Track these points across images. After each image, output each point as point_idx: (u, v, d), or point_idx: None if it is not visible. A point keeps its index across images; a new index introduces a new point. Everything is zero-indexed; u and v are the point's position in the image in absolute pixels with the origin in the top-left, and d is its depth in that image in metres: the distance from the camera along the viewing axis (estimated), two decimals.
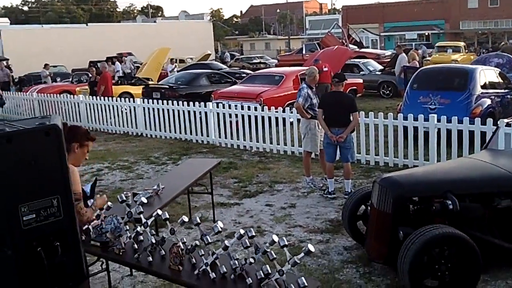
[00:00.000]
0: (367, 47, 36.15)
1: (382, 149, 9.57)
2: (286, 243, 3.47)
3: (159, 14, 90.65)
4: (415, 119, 9.19)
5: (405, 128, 9.32)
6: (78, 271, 2.80)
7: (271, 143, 11.05)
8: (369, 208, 5.69)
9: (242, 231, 3.67)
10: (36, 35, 37.85)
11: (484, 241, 4.88)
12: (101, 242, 4.30)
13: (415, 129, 9.19)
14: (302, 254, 3.37)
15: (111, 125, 14.32)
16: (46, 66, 23.52)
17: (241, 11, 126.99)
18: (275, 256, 3.46)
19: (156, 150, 11.70)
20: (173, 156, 10.98)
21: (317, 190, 8.21)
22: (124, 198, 4.46)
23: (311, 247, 3.36)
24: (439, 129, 8.91)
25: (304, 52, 31.06)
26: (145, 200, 4.34)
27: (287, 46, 66.91)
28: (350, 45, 27.01)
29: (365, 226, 5.85)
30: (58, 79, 25.00)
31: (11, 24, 47.46)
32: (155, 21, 55.14)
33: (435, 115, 9.05)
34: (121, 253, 4.16)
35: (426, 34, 55.11)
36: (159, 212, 4.19)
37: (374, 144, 9.66)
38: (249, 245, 3.66)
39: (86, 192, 4.75)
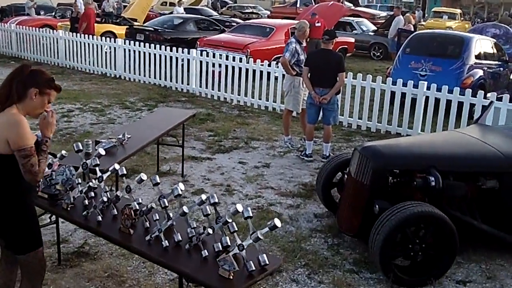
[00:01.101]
0: (364, 7, 35.24)
1: (366, 113, 9.22)
2: (251, 214, 3.11)
3: None
4: (404, 84, 8.82)
5: (393, 93, 8.96)
6: None
7: (252, 97, 10.63)
8: (345, 176, 5.38)
9: (204, 197, 3.30)
10: None
11: (463, 222, 4.60)
12: (49, 195, 3.92)
13: (403, 95, 8.83)
14: (267, 229, 3.03)
15: (89, 64, 13.70)
16: None
17: None
18: (236, 228, 3.10)
19: (132, 94, 11.20)
20: (149, 102, 10.51)
21: (294, 151, 7.87)
22: (81, 148, 4.05)
23: (277, 222, 3.01)
24: (427, 97, 8.56)
25: (298, 5, 30.09)
26: (103, 152, 3.93)
27: None
28: (346, 3, 26.24)
29: (339, 194, 5.54)
30: (42, 12, 23.94)
31: None
32: None
33: (425, 83, 8.68)
34: (69, 209, 3.80)
35: None
36: (116, 166, 3.79)
37: (358, 107, 9.29)
38: (209, 213, 3.30)
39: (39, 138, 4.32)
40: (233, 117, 9.74)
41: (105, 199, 3.67)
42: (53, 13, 22.48)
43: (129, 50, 12.70)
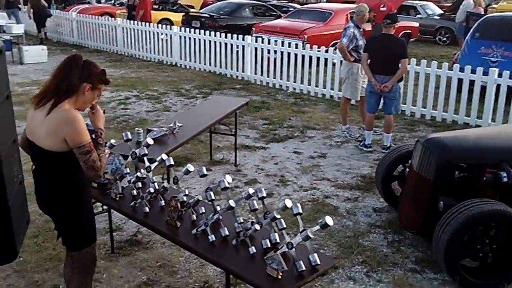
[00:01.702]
0: None
1: (430, 101, 8.72)
2: (300, 210, 2.87)
3: None
4: (473, 71, 8.28)
5: (460, 81, 8.44)
6: (7, 246, 2.17)
7: (309, 84, 10.32)
8: (407, 169, 5.03)
9: (251, 190, 3.09)
10: None
11: None
12: (99, 184, 3.82)
13: (471, 82, 8.30)
14: (318, 227, 2.79)
15: (146, 52, 13.76)
16: None
17: None
18: (284, 225, 2.87)
19: (188, 82, 11.13)
20: (204, 90, 10.39)
21: (353, 141, 7.54)
22: (130, 137, 3.91)
23: (329, 220, 2.76)
24: (498, 85, 8.01)
25: None
26: (151, 142, 3.77)
27: None
28: None
29: (401, 188, 5.20)
30: (103, 0, 24.43)
31: None
32: None
33: (496, 69, 8.12)
34: (117, 199, 3.68)
35: None
36: (164, 156, 3.62)
37: (422, 95, 8.81)
38: (257, 207, 3.08)
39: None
40: (288, 105, 9.48)
41: (152, 190, 3.52)
42: (113, 1, 22.81)
43: (185, 37, 12.64)
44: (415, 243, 4.63)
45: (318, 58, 10.14)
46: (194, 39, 12.36)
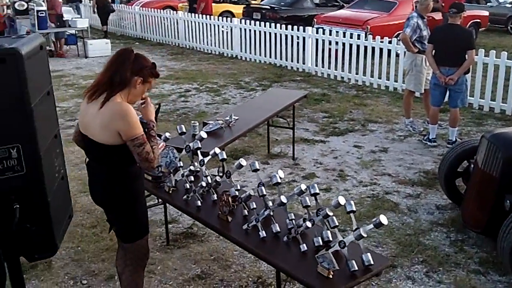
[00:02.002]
0: None
1: (500, 94, 8.30)
2: (354, 208, 2.77)
3: None
4: None
5: None
6: (46, 240, 2.21)
7: (371, 76, 10.06)
8: (472, 165, 4.79)
9: (303, 186, 3.01)
10: None
11: None
12: (153, 177, 3.85)
13: None
14: (371, 226, 2.68)
15: (207, 44, 13.86)
16: None
17: None
18: (336, 223, 2.78)
19: (247, 74, 11.12)
20: (264, 82, 10.35)
21: (416, 135, 7.28)
22: (184, 130, 3.92)
23: (383, 219, 2.65)
24: None
25: None
26: (204, 135, 3.75)
27: None
28: None
29: (465, 185, 4.96)
30: None
31: None
32: None
33: None
34: (170, 192, 3.69)
35: None
36: (217, 150, 3.60)
37: (491, 88, 8.40)
38: (309, 204, 3.00)
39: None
40: (350, 97, 9.28)
41: (204, 184, 3.51)
42: None
43: (245, 30, 12.63)
44: (479, 243, 4.40)
45: (381, 49, 9.87)
46: (255, 31, 12.33)
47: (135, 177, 3.05)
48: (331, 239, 2.89)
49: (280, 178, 3.12)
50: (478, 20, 15.00)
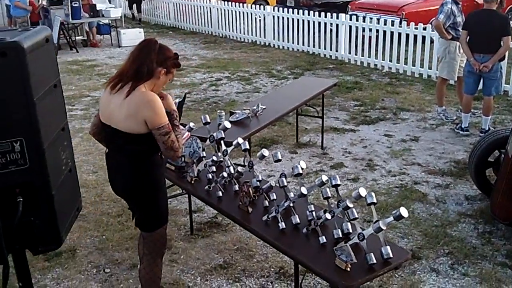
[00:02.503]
0: None
1: None
2: (375, 200, 2.75)
3: None
4: None
5: None
6: (51, 233, 2.25)
7: (405, 63, 9.89)
8: (503, 155, 4.68)
9: (324, 178, 3.01)
10: None
11: None
12: (176, 167, 3.91)
13: None
14: (391, 218, 2.66)
15: (240, 32, 13.86)
16: None
17: None
18: (356, 215, 2.77)
19: (280, 62, 11.08)
20: (296, 70, 10.30)
21: (449, 124, 7.15)
22: (208, 120, 3.96)
23: (403, 212, 2.62)
24: None
25: None
26: (228, 125, 3.77)
27: None
28: None
29: (496, 175, 4.85)
30: None
31: None
32: None
33: None
34: (193, 182, 3.74)
35: None
36: (240, 140, 3.62)
37: None
38: (329, 195, 2.99)
39: None
40: (382, 85, 9.16)
41: (225, 174, 3.54)
42: None
43: (278, 17, 12.57)
44: (508, 235, 4.32)
45: (415, 36, 9.69)
46: (288, 18, 12.26)
47: (157, 166, 3.11)
48: (351, 231, 2.89)
49: (302, 168, 3.12)
50: None
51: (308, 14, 11.71)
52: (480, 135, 6.44)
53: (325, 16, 11.29)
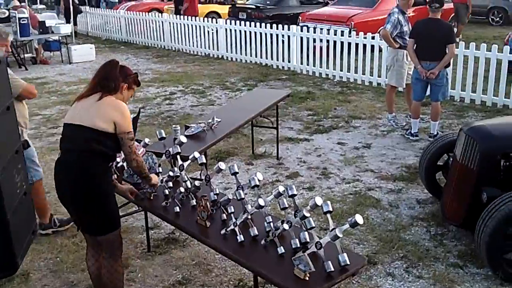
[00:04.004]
0: None
1: (480, 85, 8.40)
2: (330, 209, 2.82)
3: None
4: None
5: (510, 63, 8.07)
6: (6, 259, 2.20)
7: (355, 72, 10.13)
8: (451, 159, 4.86)
9: (281, 189, 3.06)
10: None
11: None
12: (132, 184, 3.88)
13: None
14: (347, 226, 2.73)
15: (193, 46, 13.88)
16: None
17: None
18: (313, 224, 2.83)
19: (233, 74, 11.15)
20: (249, 82, 10.39)
21: (399, 130, 7.36)
22: (164, 135, 3.97)
23: (358, 219, 2.69)
24: None
25: None
26: (184, 140, 3.78)
27: None
28: None
29: (445, 178, 5.03)
30: None
31: None
32: None
33: None
34: (151, 198, 3.73)
35: None
36: (196, 154, 3.64)
37: (471, 80, 8.49)
38: (286, 206, 3.05)
39: None
40: (334, 94, 9.35)
41: (182, 189, 3.55)
42: None
43: (230, 30, 12.67)
44: (459, 236, 4.48)
45: (365, 45, 9.94)
46: (240, 31, 12.37)
47: (108, 172, 3.32)
48: (308, 240, 2.95)
49: (259, 180, 3.17)
50: None
51: (260, 26, 11.85)
52: (429, 140, 6.66)
53: (277, 28, 11.45)
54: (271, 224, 3.07)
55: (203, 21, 13.48)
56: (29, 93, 4.34)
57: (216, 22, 13.12)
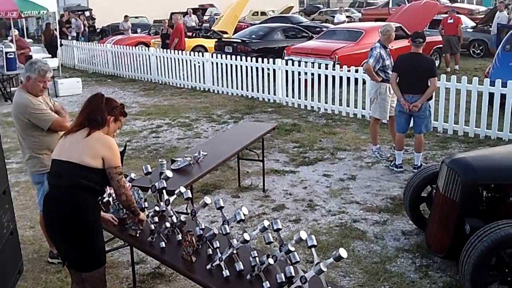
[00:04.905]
0: (461, 2, 33.59)
1: (462, 117, 8.56)
2: (315, 243, 2.85)
3: None
4: (504, 85, 8.08)
5: (491, 95, 8.25)
6: None
7: (340, 104, 10.27)
8: (434, 191, 4.93)
9: (266, 223, 3.10)
10: None
11: None
12: (118, 219, 3.88)
13: (503, 96, 8.10)
14: (331, 260, 2.76)
15: (180, 79, 13.99)
16: (125, 18, 23.42)
17: None
18: (298, 259, 2.86)
19: (220, 107, 11.25)
20: (235, 114, 10.48)
21: (383, 161, 7.44)
22: (149, 170, 3.99)
23: (342, 252, 2.73)
24: None
25: (390, 5, 29.19)
26: (170, 174, 3.82)
27: None
28: None
29: (429, 210, 5.09)
30: (139, 30, 25.04)
31: None
32: None
33: None
34: (137, 235, 3.73)
35: None
36: (182, 189, 3.67)
37: (454, 111, 8.65)
38: (271, 240, 3.08)
39: None
40: (319, 126, 9.46)
41: (168, 224, 3.56)
42: (147, 31, 23.37)
43: (217, 63, 12.82)
44: (444, 267, 4.52)
45: (348, 78, 10.11)
46: (226, 64, 12.52)
47: (96, 208, 3.37)
48: (293, 274, 2.96)
49: (244, 215, 3.21)
50: (441, 45, 15.43)
51: (246, 60, 12.01)
52: (413, 171, 6.74)
53: (262, 62, 11.62)
54: (257, 258, 3.09)
55: (190, 55, 13.64)
56: (60, 126, 4.46)
57: (203, 56, 13.28)
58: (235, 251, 3.15)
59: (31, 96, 4.49)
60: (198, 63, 13.38)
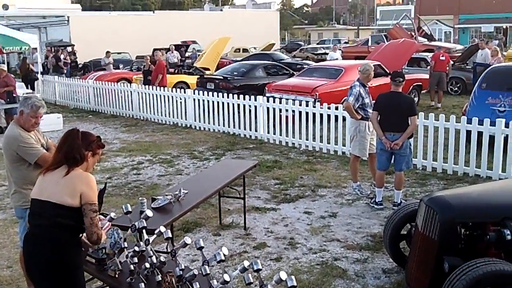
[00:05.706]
0: (439, 40, 34.47)
1: (441, 154, 8.69)
2: (295, 283, 2.86)
3: (229, 3, 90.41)
4: (480, 123, 8.26)
5: (469, 132, 8.41)
6: None
7: (321, 141, 10.37)
8: (414, 229, 4.97)
9: (246, 263, 3.10)
10: (103, 21, 38.02)
11: None
12: (97, 259, 3.85)
13: (480, 134, 8.27)
14: None
15: (162, 115, 14.03)
16: (107, 53, 23.56)
17: (312, 0, 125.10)
18: None
19: (201, 144, 11.27)
20: (217, 151, 10.51)
21: (364, 198, 7.50)
22: (129, 209, 3.97)
23: None
24: (506, 136, 7.95)
25: (369, 44, 29.88)
26: (150, 214, 3.81)
27: (356, 37, 65.55)
28: (419, 38, 25.68)
29: (409, 247, 5.12)
30: (121, 66, 25.16)
31: (82, 10, 48.50)
32: (221, 10, 54.95)
33: (503, 120, 8.10)
34: (116, 276, 3.69)
35: (504, 27, 51.74)
36: (162, 229, 3.66)
37: (432, 149, 8.80)
38: (251, 281, 3.07)
39: None
40: (300, 163, 9.51)
41: (147, 265, 3.54)
42: (130, 67, 23.48)
43: (198, 100, 12.91)
44: None
45: (329, 115, 10.24)
46: (208, 101, 12.61)
47: (77, 245, 3.38)
48: None
49: (224, 255, 3.21)
50: (420, 83, 15.76)
51: (228, 97, 12.12)
52: (393, 208, 6.79)
53: (244, 98, 11.73)
54: None
55: (172, 91, 13.71)
56: (46, 162, 4.39)
57: (185, 92, 13.36)
58: None
59: (22, 130, 4.58)
60: (180, 99, 13.45)
